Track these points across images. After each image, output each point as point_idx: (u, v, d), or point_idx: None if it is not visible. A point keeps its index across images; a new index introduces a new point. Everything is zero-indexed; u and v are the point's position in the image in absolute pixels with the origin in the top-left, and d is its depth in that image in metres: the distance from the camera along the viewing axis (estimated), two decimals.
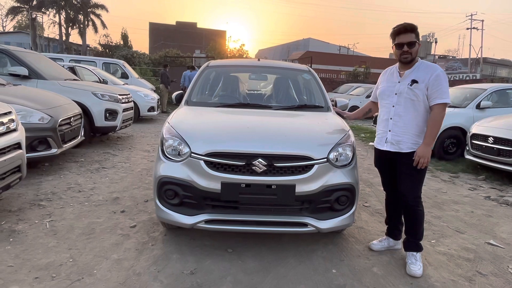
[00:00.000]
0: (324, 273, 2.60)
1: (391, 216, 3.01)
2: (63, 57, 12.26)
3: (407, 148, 2.62)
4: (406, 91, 2.60)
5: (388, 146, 2.72)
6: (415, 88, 2.56)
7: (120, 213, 3.50)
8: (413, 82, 2.57)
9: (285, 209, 2.66)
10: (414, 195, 2.67)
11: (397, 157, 2.68)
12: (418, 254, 2.69)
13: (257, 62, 4.32)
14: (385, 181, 2.96)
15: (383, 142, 2.76)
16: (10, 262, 2.51)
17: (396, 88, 2.67)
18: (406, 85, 2.60)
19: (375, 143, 2.89)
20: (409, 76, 2.61)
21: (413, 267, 2.62)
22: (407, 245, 2.76)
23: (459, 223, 3.71)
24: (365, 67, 26.27)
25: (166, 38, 48.03)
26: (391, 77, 2.75)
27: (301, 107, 3.68)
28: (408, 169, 2.62)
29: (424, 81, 2.54)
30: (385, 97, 2.75)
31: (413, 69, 2.62)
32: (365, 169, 5.92)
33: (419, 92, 2.56)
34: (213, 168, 2.55)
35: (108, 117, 6.44)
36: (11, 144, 3.08)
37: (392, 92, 2.69)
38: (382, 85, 2.82)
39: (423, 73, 2.57)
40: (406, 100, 2.60)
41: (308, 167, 2.59)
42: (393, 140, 2.67)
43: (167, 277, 2.45)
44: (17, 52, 6.06)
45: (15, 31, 45.65)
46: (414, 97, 2.58)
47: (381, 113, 2.82)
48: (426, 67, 2.60)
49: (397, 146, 2.66)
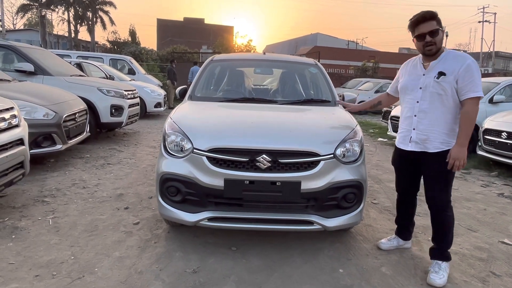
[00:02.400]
0: (331, 272, 2.52)
1: (402, 217, 2.86)
2: (70, 53, 12.31)
3: (434, 148, 2.40)
4: (432, 84, 2.35)
5: (413, 146, 2.48)
6: (442, 81, 2.31)
7: (124, 210, 3.46)
8: (440, 75, 2.32)
9: (290, 207, 2.58)
10: (443, 199, 2.45)
11: (423, 158, 2.46)
12: (443, 263, 2.48)
13: (262, 56, 4.23)
14: (401, 182, 2.76)
15: (407, 141, 2.52)
16: (11, 260, 2.48)
17: (421, 81, 2.42)
18: (432, 78, 2.36)
19: (397, 143, 2.64)
20: (435, 67, 2.37)
21: (433, 276, 2.40)
22: (433, 253, 2.54)
23: (472, 221, 3.59)
24: (374, 62, 25.91)
25: (174, 34, 48.06)
26: (414, 70, 2.51)
27: (307, 101, 3.58)
28: (435, 172, 2.41)
29: (453, 72, 2.29)
30: (408, 91, 2.51)
31: (439, 59, 2.37)
32: (374, 165, 5.81)
33: (447, 85, 2.31)
34: (216, 164, 2.48)
35: (114, 113, 6.42)
36: (13, 140, 3.05)
37: (415, 86, 2.45)
38: (404, 79, 2.57)
39: (451, 64, 2.32)
40: (432, 94, 2.36)
41: (314, 163, 2.50)
42: (418, 139, 2.44)
43: (169, 275, 2.40)
44: (23, 49, 6.06)
45: (25, 29, 46.10)
46: (441, 91, 2.33)
47: (403, 110, 2.58)
48: (454, 57, 2.35)
49: (422, 145, 2.43)
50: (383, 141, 8.36)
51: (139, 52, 24.70)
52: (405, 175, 2.70)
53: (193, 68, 13.78)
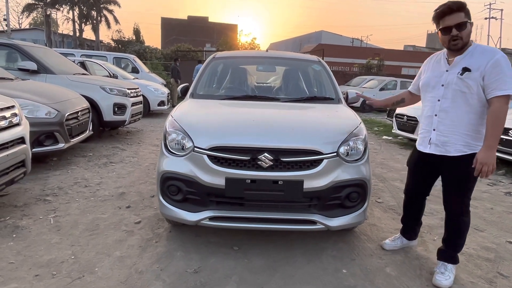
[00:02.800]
0: (334, 273, 2.47)
1: (409, 218, 2.76)
2: (74, 52, 12.33)
3: (455, 151, 2.23)
4: (455, 81, 2.18)
5: (432, 149, 2.31)
6: (466, 77, 2.13)
7: (126, 209, 3.44)
8: (464, 71, 2.14)
9: (293, 206, 2.53)
10: (461, 203, 2.31)
11: (442, 162, 2.30)
12: (450, 265, 2.40)
13: (265, 53, 4.18)
14: (412, 185, 2.62)
15: (426, 143, 2.36)
16: (11, 259, 2.46)
17: (444, 78, 2.25)
18: (455, 75, 2.18)
19: (417, 144, 2.47)
20: (460, 63, 2.19)
21: (439, 277, 2.34)
22: (441, 254, 2.45)
23: (478, 221, 3.52)
24: (379, 59, 25.75)
25: (178, 33, 48.12)
26: (437, 65, 2.34)
27: (310, 99, 3.53)
28: (456, 176, 2.26)
29: (479, 68, 2.10)
30: (429, 89, 2.34)
31: (465, 54, 2.19)
32: (378, 164, 5.74)
33: (472, 82, 2.12)
34: (217, 163, 2.44)
35: (117, 111, 6.41)
36: (14, 138, 3.03)
37: (438, 83, 2.28)
38: (426, 75, 2.39)
39: (478, 59, 2.13)
40: (455, 92, 2.18)
41: (316, 162, 2.45)
42: (438, 141, 2.28)
43: (170, 275, 2.36)
44: (26, 47, 6.05)
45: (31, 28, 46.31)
46: (465, 89, 2.15)
47: (424, 109, 2.41)
48: (482, 51, 2.15)
49: (443, 148, 2.26)
50: (388, 139, 8.28)
51: (143, 51, 24.73)
52: (418, 178, 2.57)
53: (198, 66, 13.73)
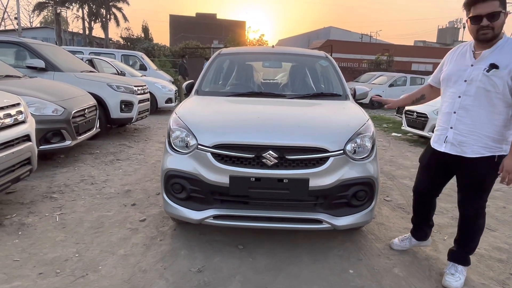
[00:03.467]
0: (340, 273, 2.42)
1: (419, 218, 2.64)
2: (83, 49, 12.39)
3: (472, 153, 2.09)
4: (480, 78, 2.01)
5: (447, 147, 2.18)
6: (493, 75, 1.96)
7: (131, 206, 3.43)
8: (491, 67, 1.97)
9: (298, 205, 2.49)
10: (476, 206, 2.20)
11: (458, 163, 2.18)
12: (460, 266, 2.32)
13: (271, 49, 4.12)
14: (423, 183, 2.48)
15: (441, 141, 2.22)
16: (16, 257, 2.46)
17: (468, 73, 2.08)
18: (481, 70, 2.01)
19: (432, 142, 2.35)
20: (487, 58, 2.02)
21: (449, 278, 2.26)
22: (452, 255, 2.37)
23: (490, 220, 3.42)
24: (388, 55, 25.40)
25: (186, 30, 48.18)
26: (462, 58, 2.16)
27: (317, 95, 3.46)
28: (472, 179, 2.15)
29: (508, 66, 1.93)
30: (451, 83, 2.17)
31: (493, 49, 2.01)
32: (387, 161, 5.65)
33: (499, 81, 1.96)
34: (221, 161, 2.40)
35: (124, 108, 6.41)
36: (19, 136, 3.03)
37: (460, 77, 2.11)
38: (448, 67, 2.22)
39: (508, 55, 1.96)
40: (479, 90, 2.02)
41: (322, 159, 2.39)
42: (455, 141, 2.14)
43: (174, 274, 2.34)
44: (34, 45, 6.09)
45: (41, 27, 46.90)
46: (490, 87, 1.99)
47: (443, 105, 2.25)
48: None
49: (459, 148, 2.13)
50: (397, 136, 8.16)
51: (151, 48, 24.84)
52: (431, 177, 2.43)
53: None
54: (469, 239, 2.33)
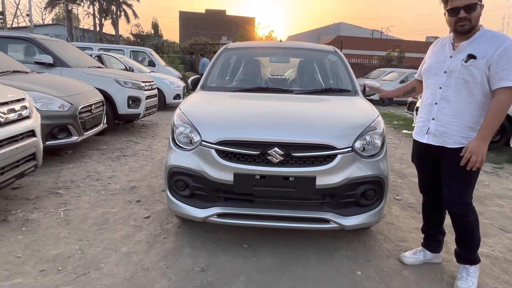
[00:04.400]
0: (348, 275, 2.34)
1: (429, 225, 2.50)
2: (92, 46, 12.45)
3: (454, 143, 2.10)
4: (459, 69, 2.04)
5: (429, 139, 2.19)
6: (471, 65, 1.99)
7: (136, 203, 3.39)
8: (469, 58, 2.00)
9: (305, 204, 2.41)
10: (461, 201, 2.14)
11: (441, 153, 2.17)
12: (472, 267, 2.22)
13: (278, 43, 4.03)
14: (424, 182, 2.44)
15: (423, 132, 2.24)
16: (19, 253, 2.44)
17: (447, 64, 2.10)
18: (459, 61, 2.04)
19: (414, 134, 2.35)
20: (465, 49, 2.04)
21: (461, 284, 2.17)
22: (458, 256, 2.30)
23: (505, 221, 3.30)
24: (399, 51, 25.02)
25: (196, 27, 48.22)
26: (442, 51, 2.18)
27: (325, 91, 3.37)
28: (454, 169, 2.11)
29: (485, 56, 1.96)
30: (431, 75, 2.19)
31: (471, 40, 2.04)
32: (397, 159, 5.52)
33: (477, 71, 1.99)
34: (225, 157, 2.34)
35: (131, 104, 6.39)
36: (23, 131, 3.01)
37: (440, 69, 2.13)
38: (429, 60, 2.25)
39: (485, 45, 1.98)
40: (458, 80, 2.05)
41: (330, 157, 2.31)
42: (437, 132, 2.15)
43: (176, 273, 2.29)
44: (42, 41, 6.10)
45: (53, 24, 47.33)
46: (469, 78, 2.01)
47: (424, 96, 2.27)
48: (490, 38, 2.00)
49: (441, 139, 2.14)
50: (407, 133, 7.99)
51: (161, 45, 24.89)
52: (426, 173, 2.40)
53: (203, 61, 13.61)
54: (467, 238, 2.23)
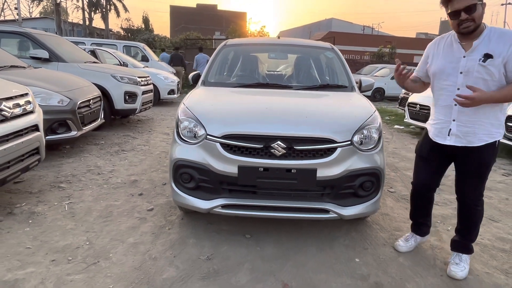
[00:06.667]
0: (347, 262, 2.46)
1: (419, 213, 2.62)
2: (85, 40, 12.33)
3: (479, 141, 2.12)
4: (477, 68, 2.04)
5: (452, 140, 2.18)
6: (490, 64, 2.00)
7: (138, 196, 3.47)
8: (486, 58, 2.00)
9: (306, 195, 2.52)
10: (475, 193, 2.26)
11: (463, 153, 2.19)
12: (464, 255, 2.36)
13: (276, 40, 4.12)
14: (422, 173, 2.46)
15: (444, 134, 2.21)
16: (28, 244, 2.51)
17: (462, 65, 2.09)
18: (476, 61, 2.04)
19: (433, 135, 2.31)
20: (479, 48, 2.05)
21: (454, 268, 2.30)
22: (455, 244, 2.41)
23: (493, 211, 3.47)
24: (391, 47, 25.26)
25: (187, 21, 47.88)
26: (450, 50, 2.17)
27: (323, 87, 3.48)
28: (477, 166, 2.19)
29: (501, 54, 1.98)
30: (445, 76, 2.17)
31: (482, 39, 2.05)
32: (390, 153, 5.68)
33: (495, 69, 2.00)
34: (229, 151, 2.43)
35: (128, 99, 6.42)
36: (28, 126, 3.06)
37: (455, 70, 2.12)
38: (437, 61, 2.23)
39: (497, 43, 2.00)
40: (477, 80, 2.04)
41: (330, 150, 2.42)
42: (460, 133, 2.15)
43: (183, 262, 2.39)
44: (38, 35, 6.08)
45: (41, 17, 46.44)
46: (487, 76, 2.03)
47: (439, 98, 2.26)
48: (500, 35, 2.02)
49: (464, 139, 2.14)
50: (399, 129, 8.17)
51: (152, 39, 24.70)
52: (431, 169, 2.41)
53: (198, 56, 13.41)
54: (471, 227, 2.37)
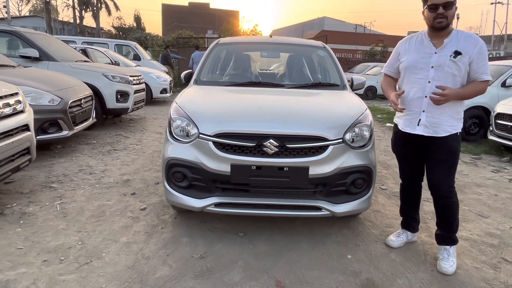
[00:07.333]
0: (339, 258, 2.49)
1: (408, 207, 2.70)
2: (75, 39, 12.23)
3: (443, 132, 2.29)
4: (448, 63, 2.21)
5: (421, 130, 2.33)
6: (459, 60, 2.19)
7: (131, 196, 3.45)
8: (456, 54, 2.19)
9: (298, 192, 2.54)
10: (448, 184, 2.35)
11: (430, 143, 2.33)
12: (451, 248, 2.42)
13: (269, 38, 4.13)
14: (407, 169, 2.60)
15: (414, 124, 2.35)
16: (19, 245, 2.49)
17: (433, 60, 2.26)
18: (447, 57, 2.22)
19: (402, 126, 2.45)
20: (449, 46, 2.23)
21: (444, 264, 2.36)
22: (440, 238, 2.47)
23: (482, 207, 3.53)
24: (382, 46, 25.46)
25: (179, 20, 47.62)
26: (421, 47, 2.33)
27: (315, 85, 3.50)
28: (443, 156, 2.31)
29: (468, 53, 2.19)
30: (416, 70, 2.32)
31: (452, 38, 2.25)
32: (382, 151, 5.73)
33: (463, 66, 2.20)
34: (222, 149, 2.44)
35: (120, 98, 6.38)
36: (18, 126, 3.03)
37: (427, 64, 2.28)
38: (410, 56, 2.37)
39: (465, 44, 2.21)
40: (447, 74, 2.23)
41: (322, 148, 2.44)
42: (428, 123, 2.30)
43: (176, 261, 2.39)
44: (27, 34, 6.01)
45: (30, 15, 45.81)
46: (456, 72, 2.22)
47: (410, 90, 2.37)
48: (467, 37, 2.24)
49: (431, 129, 2.30)
50: (391, 127, 8.22)
51: (144, 38, 24.58)
52: (409, 162, 2.55)
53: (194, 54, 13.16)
54: (451, 219, 2.43)
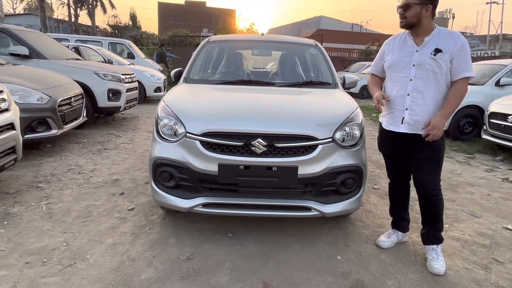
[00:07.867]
0: (328, 259, 2.45)
1: (397, 207, 2.68)
2: (68, 37, 12.11)
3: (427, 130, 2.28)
4: (428, 61, 2.23)
5: (405, 128, 2.33)
6: (439, 58, 2.21)
7: (119, 196, 3.40)
8: (436, 52, 2.21)
9: (287, 193, 2.50)
10: (434, 183, 2.34)
11: (414, 141, 2.33)
12: (439, 247, 2.42)
13: (260, 36, 4.08)
14: (393, 168, 2.59)
15: (398, 122, 2.36)
16: (2, 246, 2.43)
17: (415, 58, 2.28)
18: (427, 55, 2.24)
19: (386, 124, 2.46)
20: (430, 44, 2.25)
21: (435, 264, 2.34)
22: (426, 237, 2.46)
23: (475, 207, 3.50)
24: (378, 45, 25.46)
25: (176, 18, 47.45)
26: (404, 45, 2.36)
27: (306, 83, 3.46)
28: (428, 153, 2.30)
29: (449, 50, 2.20)
30: (399, 69, 2.34)
31: (433, 36, 2.26)
32: (375, 150, 5.66)
33: (443, 63, 2.21)
34: (209, 149, 2.39)
35: (111, 97, 6.31)
36: (3, 124, 2.96)
37: (408, 63, 2.30)
38: (392, 55, 2.40)
39: (446, 41, 2.23)
40: (428, 72, 2.24)
41: (311, 147, 2.40)
42: (411, 121, 2.30)
43: (163, 262, 2.34)
44: (17, 31, 5.92)
45: (25, 13, 45.45)
46: (437, 69, 2.22)
47: (393, 89, 2.39)
48: (448, 34, 2.26)
49: (415, 127, 2.30)
50: None
51: (140, 37, 24.45)
52: (396, 161, 2.54)
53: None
54: (436, 218, 2.41)
